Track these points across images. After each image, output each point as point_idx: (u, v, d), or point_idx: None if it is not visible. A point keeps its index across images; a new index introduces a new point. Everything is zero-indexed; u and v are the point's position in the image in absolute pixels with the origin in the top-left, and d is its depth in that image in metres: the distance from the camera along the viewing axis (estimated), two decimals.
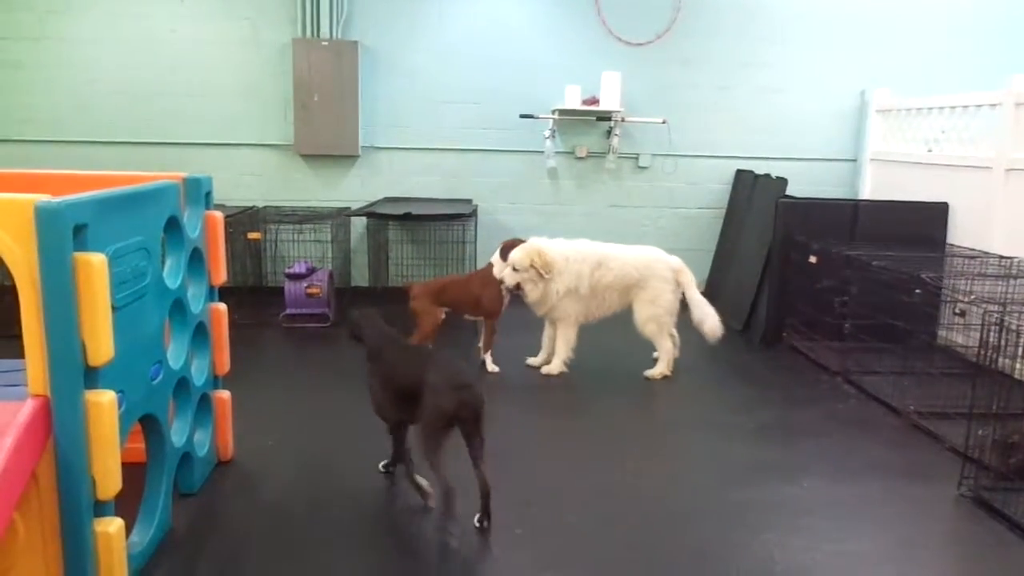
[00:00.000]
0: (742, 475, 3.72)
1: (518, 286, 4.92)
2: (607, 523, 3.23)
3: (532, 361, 5.24)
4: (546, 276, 4.87)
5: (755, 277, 6.11)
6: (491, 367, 5.11)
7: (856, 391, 4.88)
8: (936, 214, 5.89)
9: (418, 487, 3.30)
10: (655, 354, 5.17)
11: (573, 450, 4.00)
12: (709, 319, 5.04)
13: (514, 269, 4.88)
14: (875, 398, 4.72)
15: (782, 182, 6.17)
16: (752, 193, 6.70)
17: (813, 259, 5.48)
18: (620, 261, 5.04)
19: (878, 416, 4.50)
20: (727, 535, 3.17)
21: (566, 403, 4.71)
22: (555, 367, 5.07)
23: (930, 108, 6.22)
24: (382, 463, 3.56)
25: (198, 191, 3.34)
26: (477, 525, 3.09)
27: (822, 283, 5.34)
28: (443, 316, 5.06)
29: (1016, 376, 3.52)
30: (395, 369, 3.27)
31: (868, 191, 7.00)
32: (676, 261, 5.12)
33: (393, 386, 3.25)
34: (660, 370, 5.06)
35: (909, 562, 3.02)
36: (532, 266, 4.86)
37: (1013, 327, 3.46)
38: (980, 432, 3.61)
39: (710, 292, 7.14)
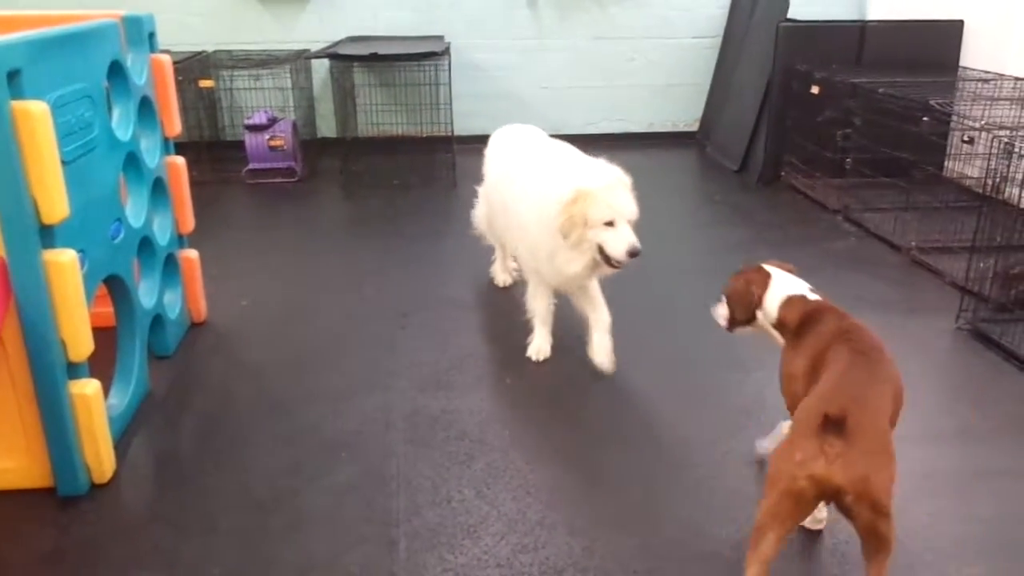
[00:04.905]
0: None
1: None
2: (591, 371, 3.35)
3: None
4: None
5: (753, 112, 6.04)
6: None
7: (856, 229, 4.97)
8: (950, 34, 5.77)
9: None
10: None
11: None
12: None
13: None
14: (875, 235, 4.81)
15: (783, 4, 5.98)
16: (751, 17, 6.50)
17: (815, 89, 5.41)
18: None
19: (877, 253, 4.61)
20: (718, 376, 3.32)
21: None
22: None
23: None
24: None
25: (140, 31, 3.21)
26: None
27: (824, 115, 5.31)
28: None
29: (1023, 206, 3.59)
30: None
31: (876, 11, 6.81)
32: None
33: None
34: None
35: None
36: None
37: (1023, 153, 3.49)
38: (982, 264, 3.72)
39: (704, 130, 7.11)
